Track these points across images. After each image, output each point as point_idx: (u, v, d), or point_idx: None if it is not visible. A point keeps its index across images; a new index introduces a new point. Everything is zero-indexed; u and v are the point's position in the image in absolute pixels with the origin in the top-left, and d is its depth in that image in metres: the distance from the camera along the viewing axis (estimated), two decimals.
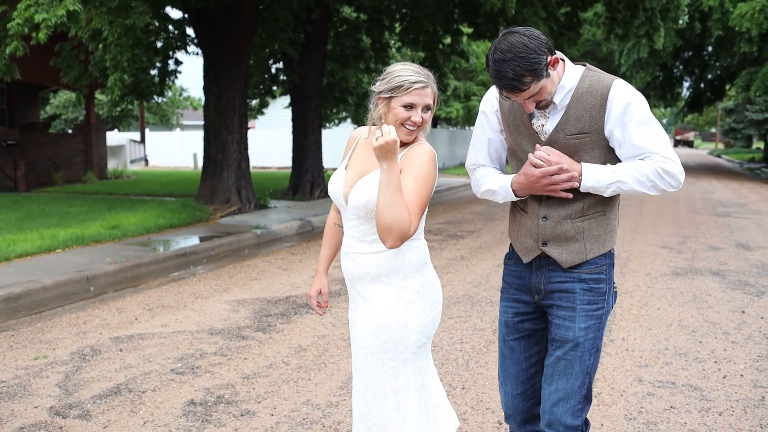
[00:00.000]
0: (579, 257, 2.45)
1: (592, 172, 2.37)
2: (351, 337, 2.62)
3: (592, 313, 2.46)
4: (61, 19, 8.24)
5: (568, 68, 2.43)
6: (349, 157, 2.59)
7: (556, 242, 2.46)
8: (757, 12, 20.71)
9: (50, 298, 6.83)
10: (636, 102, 2.36)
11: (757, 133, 47.59)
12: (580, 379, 2.46)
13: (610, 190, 2.38)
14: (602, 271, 2.47)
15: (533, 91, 2.30)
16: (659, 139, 2.38)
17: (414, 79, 2.36)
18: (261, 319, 5.87)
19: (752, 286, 7.10)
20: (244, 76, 13.28)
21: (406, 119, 2.37)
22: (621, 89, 2.37)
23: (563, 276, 2.48)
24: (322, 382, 4.39)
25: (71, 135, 20.42)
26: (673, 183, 2.38)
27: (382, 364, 2.46)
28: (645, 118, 2.36)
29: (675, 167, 2.36)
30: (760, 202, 16.04)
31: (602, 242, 2.47)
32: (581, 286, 2.46)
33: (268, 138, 29.78)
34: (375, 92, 2.44)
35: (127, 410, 3.96)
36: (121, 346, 5.16)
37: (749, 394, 4.20)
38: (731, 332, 5.50)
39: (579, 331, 2.45)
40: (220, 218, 12.02)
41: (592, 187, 2.38)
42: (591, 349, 2.46)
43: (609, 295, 2.51)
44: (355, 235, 2.51)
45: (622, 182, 2.36)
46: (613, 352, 5.00)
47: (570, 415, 2.45)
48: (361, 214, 2.45)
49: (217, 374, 4.55)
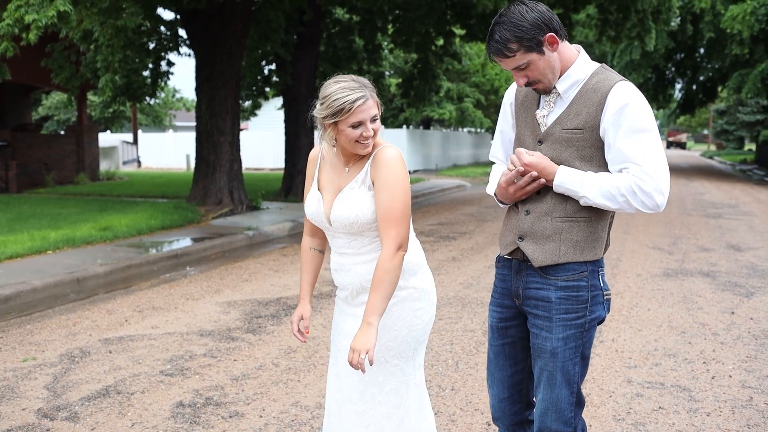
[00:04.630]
0: (551, 258, 2.35)
1: (565, 180, 2.29)
2: (337, 339, 2.60)
3: (570, 322, 2.36)
4: (51, 20, 8.21)
5: (581, 60, 2.37)
6: (317, 178, 2.56)
7: (532, 238, 2.39)
8: (749, 14, 20.82)
9: (40, 299, 6.81)
10: (634, 105, 2.26)
11: (749, 135, 47.84)
12: (567, 388, 2.38)
13: (582, 201, 2.31)
14: (582, 278, 2.36)
15: (520, 62, 2.27)
16: (647, 151, 2.24)
17: (353, 98, 2.29)
18: (251, 321, 5.86)
19: (742, 287, 7.13)
20: (237, 77, 13.26)
21: (357, 137, 2.35)
22: (623, 89, 2.28)
23: (540, 282, 2.39)
24: (312, 384, 4.38)
25: (63, 136, 20.35)
26: (648, 203, 2.24)
27: (384, 363, 2.48)
28: (639, 124, 2.25)
29: (652, 185, 2.22)
30: (752, 204, 16.11)
31: (580, 249, 2.35)
32: (557, 295, 2.36)
33: (261, 139, 29.75)
34: (318, 117, 2.38)
35: (115, 412, 3.94)
36: (111, 347, 5.15)
37: (737, 395, 4.22)
38: (720, 333, 5.52)
39: (556, 342, 2.36)
40: (212, 219, 11.99)
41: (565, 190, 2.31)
42: (573, 358, 2.37)
43: (594, 304, 2.38)
44: (348, 251, 2.49)
45: (587, 198, 2.28)
46: (602, 353, 5.01)
47: (561, 423, 2.39)
48: (352, 231, 2.44)
49: (206, 376, 4.54)
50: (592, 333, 2.41)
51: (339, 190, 2.46)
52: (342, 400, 2.54)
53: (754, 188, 21.16)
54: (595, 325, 2.41)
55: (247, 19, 13.06)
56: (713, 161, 42.60)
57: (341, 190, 2.45)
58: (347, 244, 2.48)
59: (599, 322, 2.42)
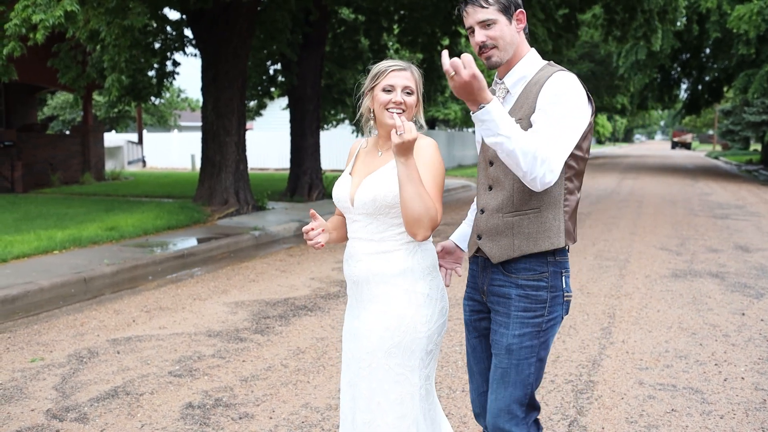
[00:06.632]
0: (507, 253, 2.37)
1: (494, 110, 2.11)
2: (348, 346, 2.55)
3: (528, 320, 2.36)
4: (58, 20, 8.20)
5: (529, 57, 2.41)
6: (353, 165, 2.59)
7: (488, 236, 2.42)
8: (755, 14, 20.73)
9: (47, 299, 6.80)
10: (565, 94, 2.24)
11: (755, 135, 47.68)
12: (520, 389, 2.36)
13: (494, 141, 2.13)
14: (543, 279, 2.36)
15: (490, 16, 2.33)
16: (555, 132, 2.18)
17: (389, 64, 2.44)
18: (259, 321, 5.84)
19: (752, 288, 7.08)
20: (242, 78, 13.25)
21: (387, 102, 2.41)
22: (560, 78, 2.29)
23: (502, 279, 2.41)
24: (321, 385, 4.36)
25: (69, 136, 20.36)
26: (540, 170, 2.11)
27: (388, 371, 2.41)
28: (562, 111, 2.22)
29: (547, 154, 2.12)
30: (758, 204, 16.04)
31: (534, 240, 2.34)
32: (517, 292, 2.37)
33: (266, 139, 29.74)
34: (363, 91, 2.52)
35: (124, 413, 3.93)
36: (119, 348, 5.13)
37: (750, 397, 4.18)
38: (731, 334, 5.48)
39: (512, 338, 2.36)
40: (218, 220, 11.98)
41: (485, 121, 2.12)
42: (529, 357, 2.36)
43: (553, 304, 2.37)
44: (363, 236, 2.47)
45: (504, 141, 2.11)
46: (613, 354, 4.98)
47: (513, 424, 2.37)
48: (369, 210, 2.42)
49: (215, 377, 4.52)
50: (549, 335, 2.40)
51: (370, 174, 2.48)
52: (356, 410, 2.48)
53: (761, 189, 21.08)
54: (553, 327, 2.41)
55: (253, 19, 13.04)
56: (719, 162, 42.46)
57: (372, 173, 2.47)
58: (363, 228, 2.46)
59: (559, 323, 2.43)
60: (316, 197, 15.84)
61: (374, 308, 2.45)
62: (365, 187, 2.43)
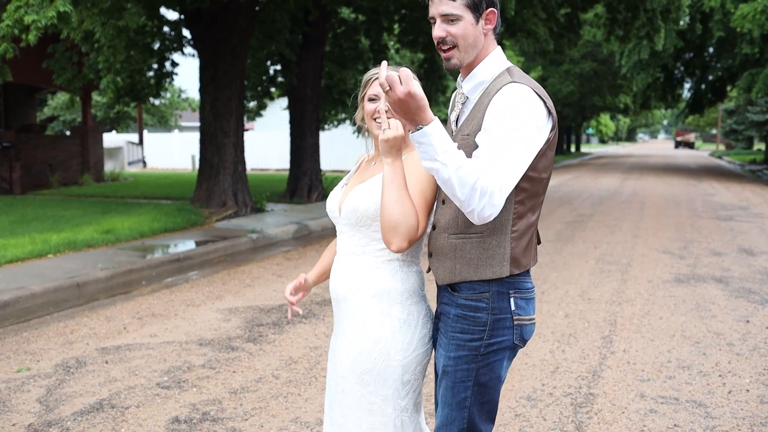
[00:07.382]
0: (449, 276, 2.19)
1: (435, 132, 1.94)
2: (329, 367, 2.43)
3: (464, 343, 2.17)
4: (51, 21, 8.07)
5: (491, 59, 2.18)
6: (350, 176, 2.51)
7: (436, 255, 2.25)
8: (759, 13, 20.56)
9: (39, 305, 6.68)
10: (511, 111, 2.01)
11: (758, 135, 47.49)
12: (457, 411, 2.20)
13: (432, 164, 1.96)
14: (482, 299, 2.15)
15: (455, 11, 2.09)
16: (499, 158, 1.96)
17: (375, 71, 2.31)
18: (252, 329, 5.72)
19: (757, 294, 6.94)
20: (241, 78, 13.13)
21: (372, 112, 2.32)
22: (507, 93, 2.04)
23: (447, 297, 2.25)
24: (312, 398, 4.23)
25: (68, 137, 20.26)
26: (483, 204, 1.93)
27: (360, 398, 2.27)
28: (507, 130, 1.99)
29: (494, 185, 1.92)
30: (762, 205, 15.87)
31: (475, 267, 2.14)
32: (455, 312, 2.19)
33: (267, 140, 29.64)
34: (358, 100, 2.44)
35: (108, 428, 3.80)
36: (107, 357, 5.01)
37: (756, 411, 4.05)
38: (736, 343, 5.34)
39: (446, 360, 2.20)
40: (215, 222, 11.87)
41: (422, 143, 1.96)
42: (465, 381, 2.18)
43: (496, 328, 2.15)
44: (347, 249, 2.35)
45: (441, 168, 1.93)
46: (614, 365, 4.85)
47: None
48: (351, 221, 2.30)
49: (204, 389, 4.39)
50: (492, 360, 2.18)
51: (360, 183, 2.38)
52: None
53: (765, 189, 20.90)
54: (498, 352, 2.18)
55: (252, 19, 12.92)
56: (722, 161, 42.24)
57: (361, 183, 2.37)
58: (348, 240, 2.35)
59: (508, 348, 2.19)
60: (316, 198, 15.72)
61: (352, 328, 2.32)
62: (351, 197, 2.32)
